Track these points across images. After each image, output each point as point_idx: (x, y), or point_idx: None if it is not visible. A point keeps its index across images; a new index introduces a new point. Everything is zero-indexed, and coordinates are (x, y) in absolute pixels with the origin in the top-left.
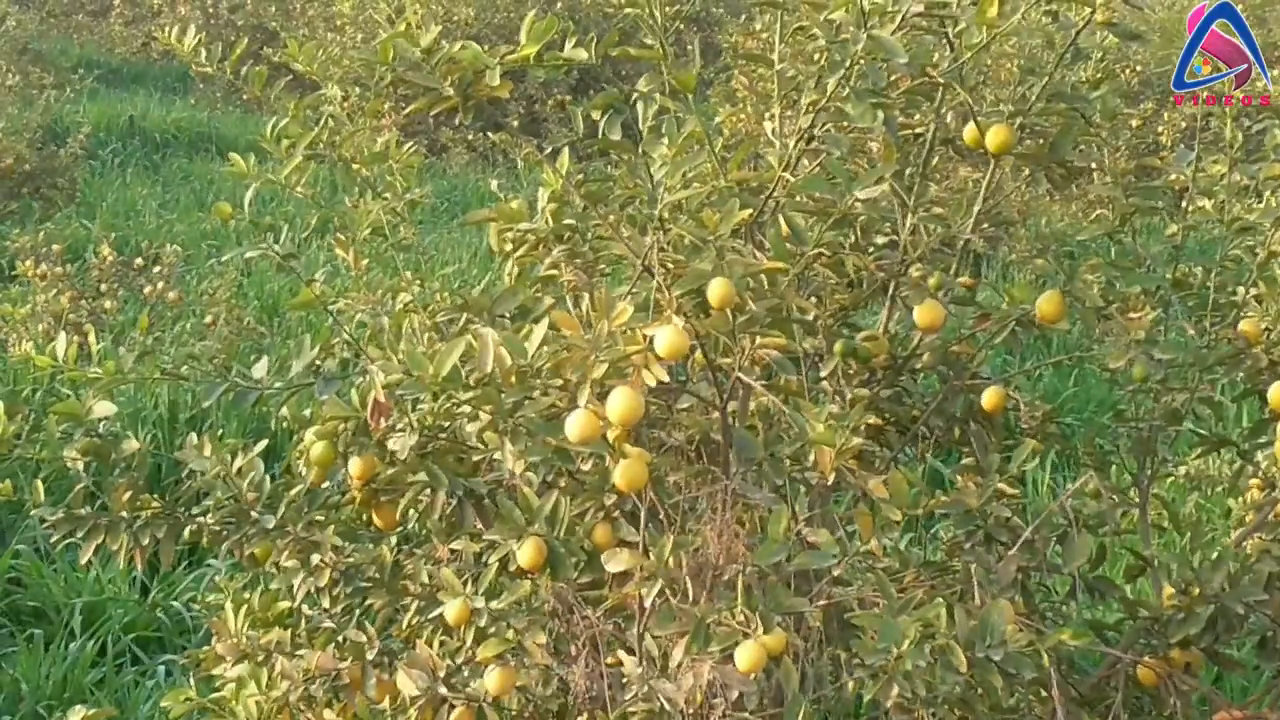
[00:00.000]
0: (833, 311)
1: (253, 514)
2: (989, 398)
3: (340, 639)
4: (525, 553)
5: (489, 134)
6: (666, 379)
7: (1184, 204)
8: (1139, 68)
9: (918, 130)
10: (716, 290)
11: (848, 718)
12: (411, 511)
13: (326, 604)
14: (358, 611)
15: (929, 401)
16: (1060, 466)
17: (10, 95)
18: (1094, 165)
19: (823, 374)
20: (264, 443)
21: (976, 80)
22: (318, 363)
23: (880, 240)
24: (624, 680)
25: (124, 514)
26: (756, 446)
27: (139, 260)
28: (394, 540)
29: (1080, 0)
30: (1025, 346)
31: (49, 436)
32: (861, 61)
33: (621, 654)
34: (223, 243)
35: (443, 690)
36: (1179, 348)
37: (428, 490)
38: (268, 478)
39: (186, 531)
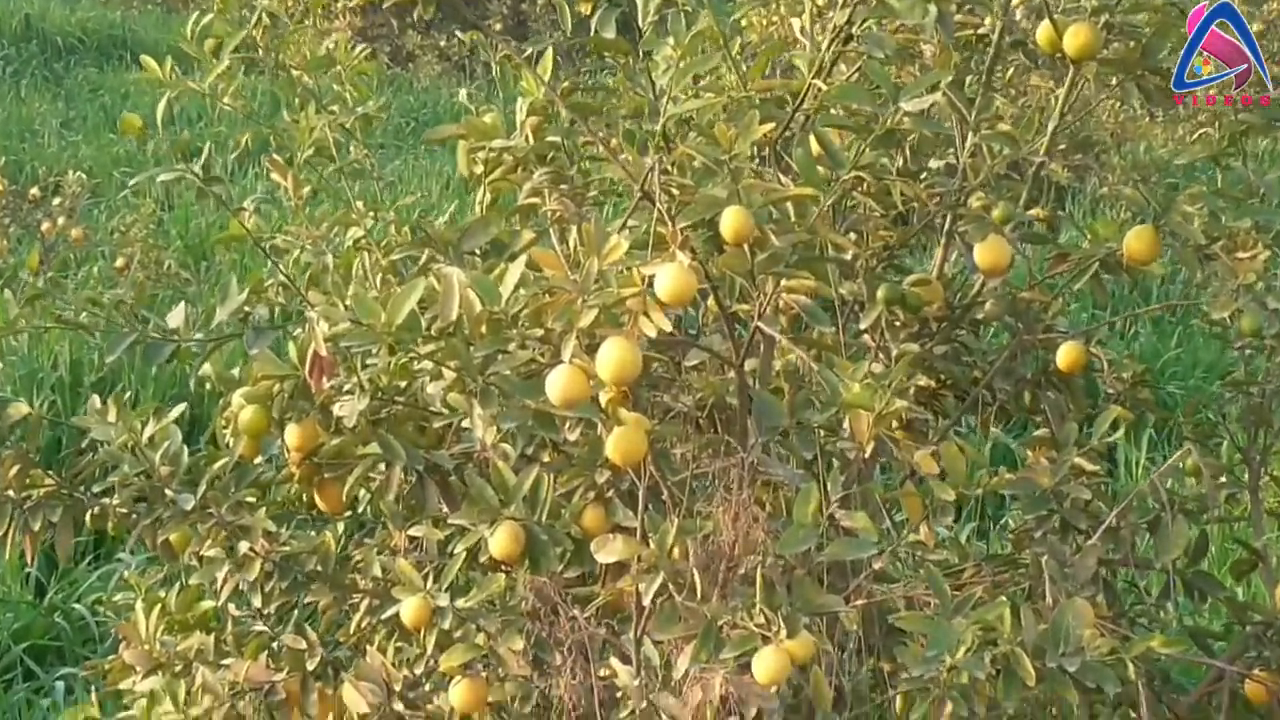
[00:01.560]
0: (875, 250)
1: (167, 493)
2: (1066, 355)
3: (274, 646)
4: (499, 540)
5: (463, 38)
6: (670, 329)
7: None
8: None
9: (981, 31)
10: (732, 221)
11: None
12: (361, 491)
13: (258, 603)
14: (296, 612)
15: (993, 360)
16: (1157, 443)
17: None
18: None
19: (862, 325)
20: (182, 407)
21: None
22: (247, 309)
23: (934, 164)
24: (618, 695)
25: (11, 493)
26: (781, 412)
27: (35, 190)
28: (340, 526)
29: None
30: (1115, 297)
31: None
32: None
33: (615, 663)
34: (138, 170)
35: (398, 707)
36: None
37: (381, 465)
38: (186, 449)
39: (88, 516)
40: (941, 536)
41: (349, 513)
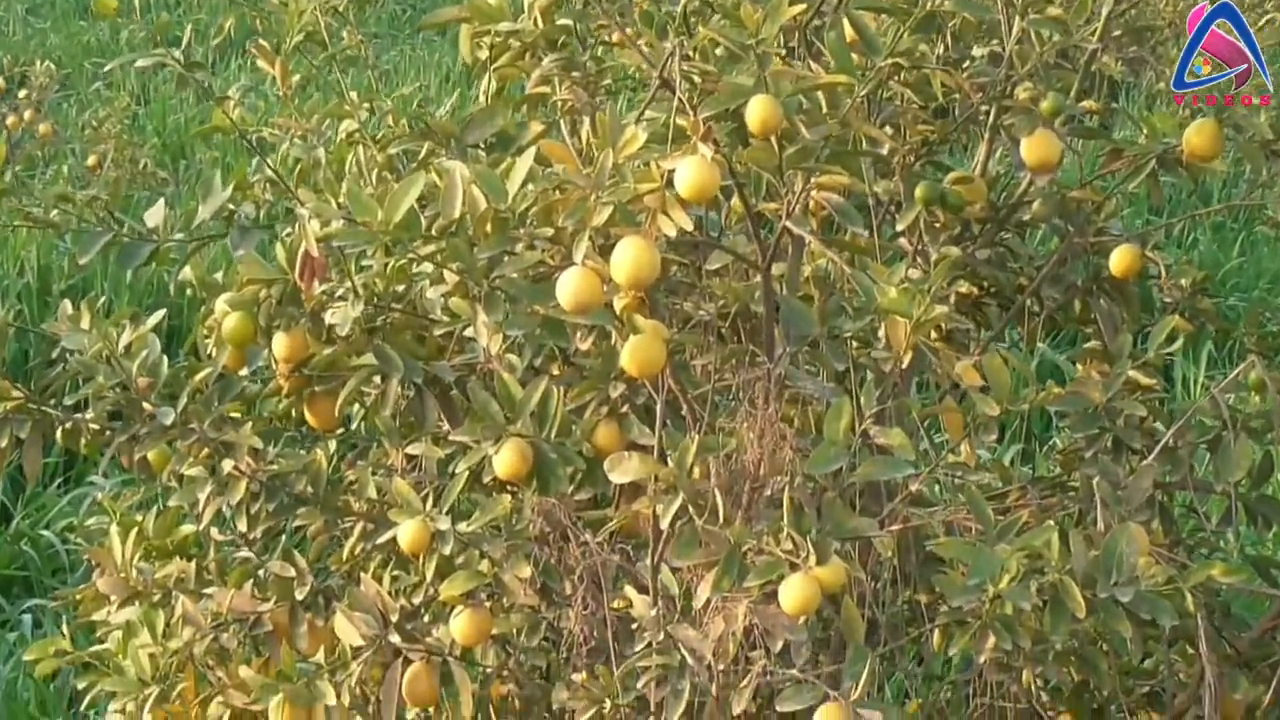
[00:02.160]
0: (913, 145)
1: (145, 406)
2: (1120, 259)
3: (260, 573)
4: (505, 459)
5: None
6: (691, 228)
7: None
8: None
9: None
10: (758, 111)
11: (928, 680)
12: (355, 406)
13: (242, 527)
14: (284, 537)
15: (1040, 266)
16: (1217, 361)
17: None
18: None
19: (899, 227)
20: (161, 313)
21: None
22: (232, 207)
23: (978, 51)
24: (633, 626)
25: None
26: (810, 320)
27: None
28: (332, 444)
29: None
30: (1172, 199)
31: None
32: None
33: (630, 592)
34: (111, 60)
35: (395, 639)
36: None
37: (376, 377)
38: (165, 359)
39: (59, 432)
40: (984, 459)
41: (341, 429)
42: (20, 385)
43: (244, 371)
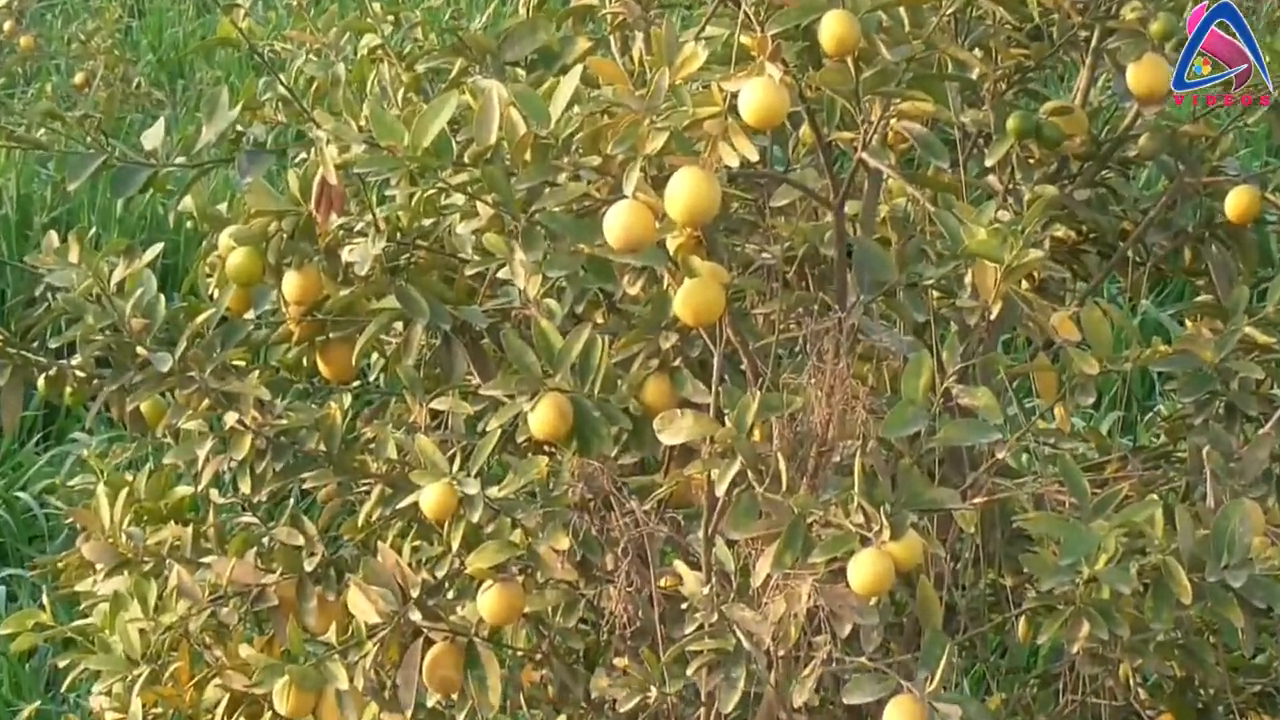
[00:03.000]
0: (1006, 71)
1: (140, 351)
2: (1237, 203)
3: (265, 541)
4: (541, 416)
5: None
6: (755, 159)
7: None
8: None
9: None
10: (834, 28)
11: (1013, 672)
12: (374, 355)
13: (246, 489)
14: (292, 501)
15: (1146, 209)
16: None
17: None
18: None
19: (988, 162)
20: (158, 247)
21: None
22: (239, 129)
23: None
24: (683, 606)
25: None
26: (888, 265)
27: None
28: (348, 397)
29: None
30: None
31: None
32: None
33: (680, 567)
34: None
35: (415, 617)
36: None
37: (399, 323)
38: (162, 299)
39: (41, 380)
40: (1079, 426)
41: (358, 381)
42: None
43: (250, 314)
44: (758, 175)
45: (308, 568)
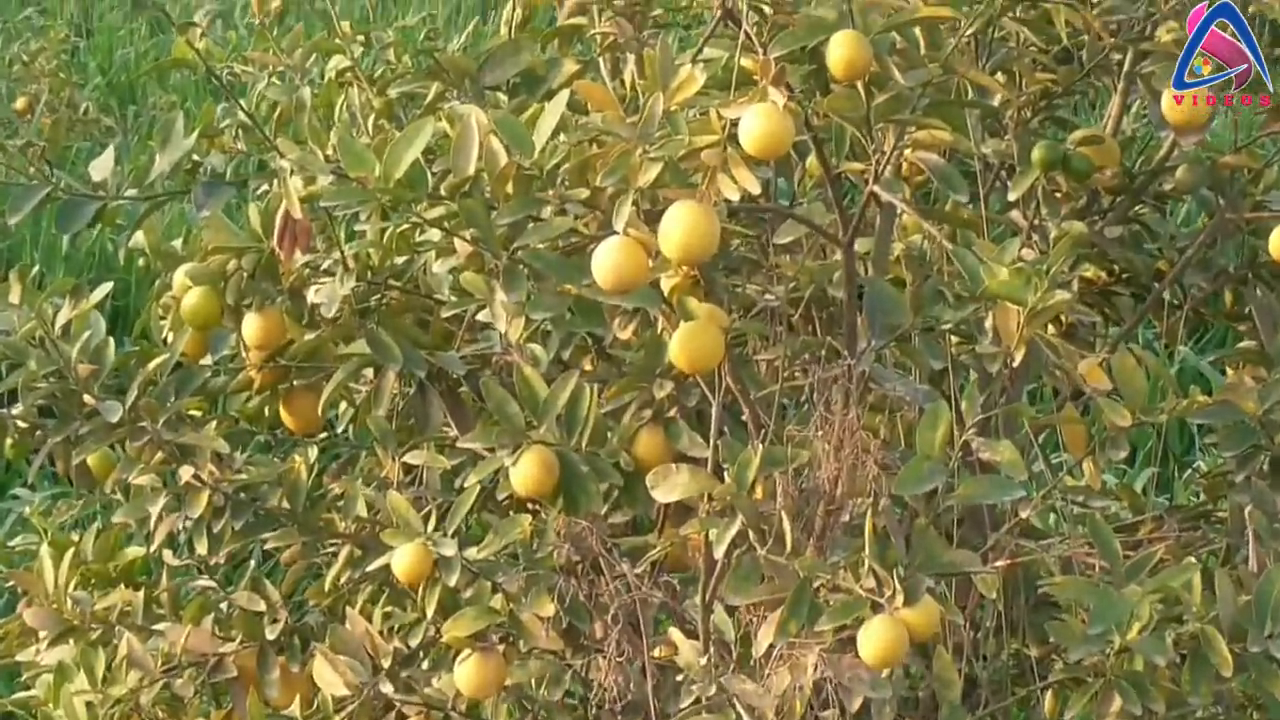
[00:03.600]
0: (1031, 97)
1: (87, 399)
2: None
3: (224, 607)
4: (524, 471)
5: None
6: (758, 192)
7: None
8: None
9: None
10: (843, 51)
11: None
12: (342, 404)
13: (202, 550)
14: (253, 563)
15: (1183, 247)
16: None
17: None
18: None
19: (1011, 196)
20: (107, 287)
21: None
22: (195, 159)
23: None
24: (679, 678)
25: None
26: (902, 307)
27: None
28: (313, 450)
29: None
30: None
31: None
32: None
33: (675, 636)
34: None
35: (386, 689)
36: None
37: (369, 370)
38: (111, 343)
39: None
40: (1110, 483)
41: (325, 433)
42: None
43: (207, 360)
44: (760, 210)
45: (269, 636)
